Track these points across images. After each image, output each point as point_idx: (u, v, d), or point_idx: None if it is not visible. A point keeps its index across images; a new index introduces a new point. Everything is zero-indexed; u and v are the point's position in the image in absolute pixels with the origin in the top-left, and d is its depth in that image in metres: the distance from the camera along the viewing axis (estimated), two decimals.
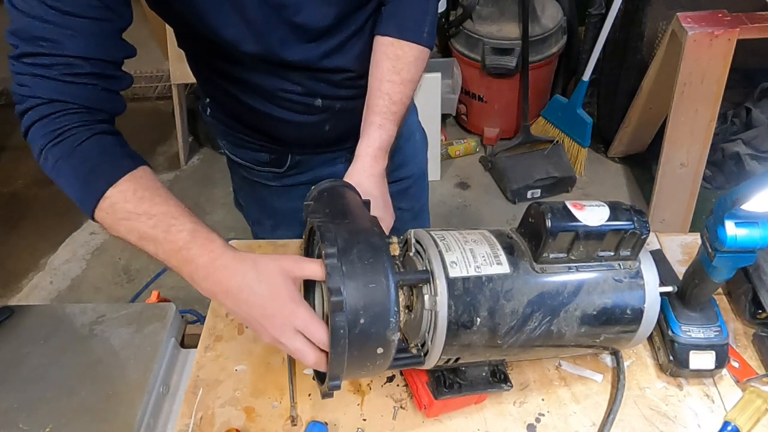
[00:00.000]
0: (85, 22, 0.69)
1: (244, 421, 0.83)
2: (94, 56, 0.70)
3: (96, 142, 0.71)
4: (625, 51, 2.40)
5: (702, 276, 0.78)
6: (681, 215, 2.22)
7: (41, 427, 0.86)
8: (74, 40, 0.68)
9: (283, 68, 0.90)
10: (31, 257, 2.46)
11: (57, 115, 0.69)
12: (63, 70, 0.69)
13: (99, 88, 0.72)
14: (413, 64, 0.91)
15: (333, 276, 0.62)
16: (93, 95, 0.72)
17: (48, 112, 0.69)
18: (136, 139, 3.05)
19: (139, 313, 1.01)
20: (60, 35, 0.67)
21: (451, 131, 2.92)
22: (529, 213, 0.74)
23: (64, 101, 0.70)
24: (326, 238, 0.65)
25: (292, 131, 1.01)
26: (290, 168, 1.10)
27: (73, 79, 0.69)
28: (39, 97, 0.69)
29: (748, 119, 2.36)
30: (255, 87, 0.93)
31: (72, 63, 0.69)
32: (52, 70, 0.68)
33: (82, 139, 0.70)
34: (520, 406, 0.83)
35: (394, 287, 0.64)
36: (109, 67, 0.73)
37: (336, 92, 0.96)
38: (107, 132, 0.73)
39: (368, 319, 0.62)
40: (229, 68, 0.91)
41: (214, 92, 1.03)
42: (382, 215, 0.86)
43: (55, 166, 0.70)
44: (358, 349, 0.63)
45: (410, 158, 1.20)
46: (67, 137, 0.69)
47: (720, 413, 0.81)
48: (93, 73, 0.71)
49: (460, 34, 2.62)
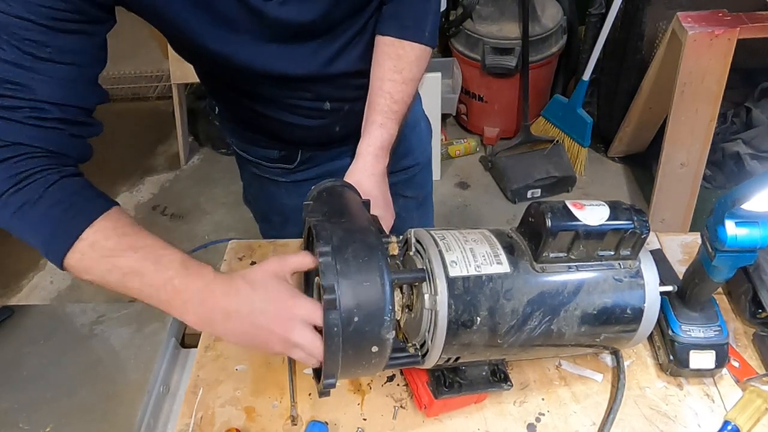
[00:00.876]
0: (59, 68, 0.67)
1: (245, 420, 0.83)
2: (65, 102, 0.68)
3: (66, 184, 0.67)
4: (625, 51, 2.40)
5: (702, 275, 0.78)
6: (681, 215, 2.22)
7: (41, 426, 0.86)
8: (44, 85, 0.66)
9: (289, 80, 0.89)
10: (31, 257, 2.46)
11: (20, 158, 0.65)
12: (29, 113, 0.65)
13: (66, 133, 0.69)
14: (415, 63, 0.91)
15: (327, 274, 0.62)
16: (59, 140, 0.69)
17: (10, 155, 0.65)
18: (136, 139, 3.09)
19: (139, 313, 1.01)
20: (30, 80, 0.65)
21: (451, 131, 2.92)
22: (529, 212, 0.74)
23: (29, 145, 0.66)
24: (321, 236, 0.65)
25: (302, 133, 1.02)
26: (300, 164, 1.09)
27: (39, 123, 0.66)
28: (2, 140, 0.65)
29: (748, 119, 2.36)
30: (264, 97, 0.94)
31: (40, 107, 0.66)
32: (17, 113, 0.65)
33: (51, 182, 0.66)
34: (520, 406, 0.83)
35: (389, 286, 0.64)
36: (80, 114, 0.71)
37: (344, 94, 0.96)
38: (75, 174, 0.69)
39: (362, 318, 0.62)
40: (236, 82, 0.91)
41: (223, 100, 1.03)
42: (382, 214, 0.86)
43: (19, 211, 0.65)
44: (352, 347, 0.63)
45: (415, 146, 1.20)
46: (34, 180, 0.65)
47: (720, 413, 0.81)
48: (61, 118, 0.68)
49: (460, 33, 2.62)
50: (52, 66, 0.66)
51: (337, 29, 0.88)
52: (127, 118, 3.12)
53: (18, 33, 0.63)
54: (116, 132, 2.95)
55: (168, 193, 2.76)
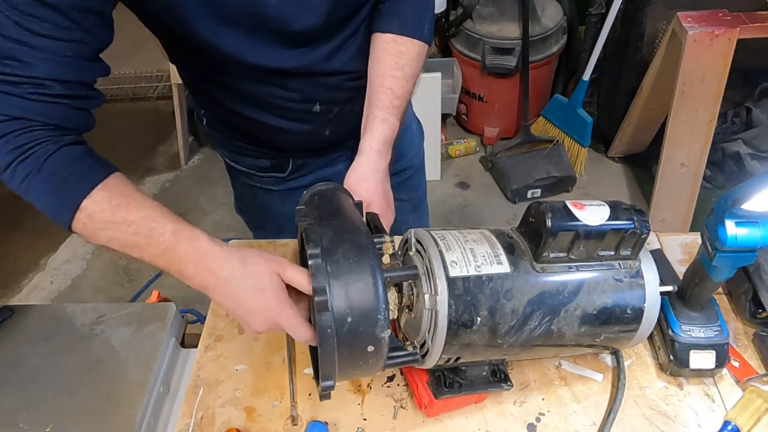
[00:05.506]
0: (60, 45, 0.66)
1: (245, 420, 0.83)
2: (66, 78, 0.68)
3: (64, 153, 0.69)
4: (626, 51, 2.40)
5: (702, 275, 0.78)
6: (681, 215, 2.22)
7: (41, 426, 0.86)
8: (46, 62, 0.66)
9: (280, 76, 0.89)
10: (31, 257, 2.46)
11: (23, 131, 0.67)
12: (30, 89, 0.66)
13: (68, 107, 0.70)
14: (415, 59, 0.92)
15: (317, 276, 0.62)
16: (61, 114, 0.70)
17: (13, 128, 0.67)
18: (136, 139, 3.09)
19: (140, 312, 1.01)
20: (31, 57, 0.65)
21: (452, 131, 2.92)
22: (530, 212, 0.74)
23: (29, 119, 0.67)
24: (311, 239, 0.65)
25: (291, 139, 1.01)
26: (292, 172, 1.09)
27: (39, 98, 0.67)
28: (3, 114, 0.67)
29: (749, 119, 2.36)
30: (251, 96, 0.92)
31: (41, 83, 0.67)
32: (19, 89, 0.66)
33: (50, 152, 0.68)
34: (521, 406, 0.83)
35: (382, 284, 0.64)
36: (81, 88, 0.71)
37: (334, 96, 0.96)
38: (75, 143, 0.71)
39: (356, 318, 0.62)
40: (223, 78, 0.90)
41: (209, 103, 1.01)
42: (383, 212, 0.86)
43: (25, 181, 0.68)
44: (348, 348, 0.63)
45: (408, 149, 1.20)
46: (34, 152, 0.67)
47: (720, 413, 0.81)
48: (63, 94, 0.69)
49: (461, 33, 2.62)
50: (54, 43, 0.66)
51: (332, 32, 0.88)
52: (127, 118, 3.12)
53: (18, 8, 0.63)
54: (116, 132, 2.95)
55: (168, 193, 2.76)
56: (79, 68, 0.69)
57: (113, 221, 0.67)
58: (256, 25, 0.80)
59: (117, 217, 0.67)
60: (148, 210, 0.68)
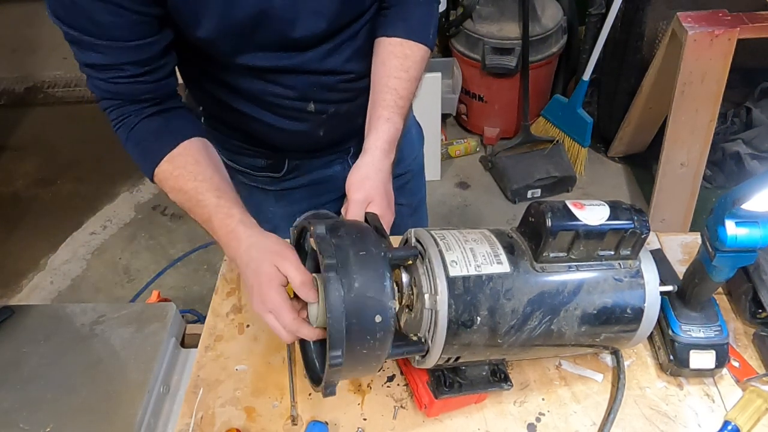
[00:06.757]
0: (126, 32, 0.77)
1: (245, 420, 0.83)
2: (142, 65, 0.81)
3: (143, 126, 0.85)
4: (626, 51, 2.40)
5: (702, 275, 0.78)
6: (681, 215, 2.22)
7: (42, 426, 0.86)
8: (118, 51, 0.78)
9: (276, 73, 0.90)
10: (31, 257, 2.46)
11: (114, 107, 0.84)
12: (110, 74, 0.81)
13: (146, 82, 0.83)
14: (419, 63, 0.93)
15: (323, 245, 0.66)
16: (140, 90, 0.83)
17: (107, 106, 0.85)
18: None
19: (140, 313, 1.02)
20: (111, 59, 0.79)
21: (452, 131, 2.92)
22: (530, 212, 0.74)
23: (117, 99, 0.84)
24: (316, 224, 0.68)
25: (286, 138, 1.02)
26: (288, 172, 1.10)
27: (119, 80, 0.81)
28: (99, 96, 0.84)
29: (749, 119, 2.36)
30: (247, 93, 0.94)
31: (120, 68, 0.80)
32: (102, 73, 0.81)
33: (133, 124, 0.85)
34: (521, 406, 0.83)
35: (385, 252, 0.67)
36: (152, 61, 0.82)
37: (329, 96, 0.96)
38: (156, 113, 0.85)
39: (362, 283, 0.64)
40: (219, 74, 0.91)
41: (207, 100, 1.02)
42: (383, 212, 0.86)
43: (125, 145, 0.87)
44: (356, 316, 0.63)
45: (407, 153, 1.20)
46: (124, 123, 0.85)
47: (720, 413, 0.81)
48: (137, 73, 0.81)
49: (461, 33, 2.62)
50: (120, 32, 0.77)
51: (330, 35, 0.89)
52: None
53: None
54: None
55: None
56: (144, 48, 0.79)
57: (175, 188, 0.83)
58: (258, 26, 0.81)
59: (177, 186, 0.83)
60: (199, 182, 0.82)
